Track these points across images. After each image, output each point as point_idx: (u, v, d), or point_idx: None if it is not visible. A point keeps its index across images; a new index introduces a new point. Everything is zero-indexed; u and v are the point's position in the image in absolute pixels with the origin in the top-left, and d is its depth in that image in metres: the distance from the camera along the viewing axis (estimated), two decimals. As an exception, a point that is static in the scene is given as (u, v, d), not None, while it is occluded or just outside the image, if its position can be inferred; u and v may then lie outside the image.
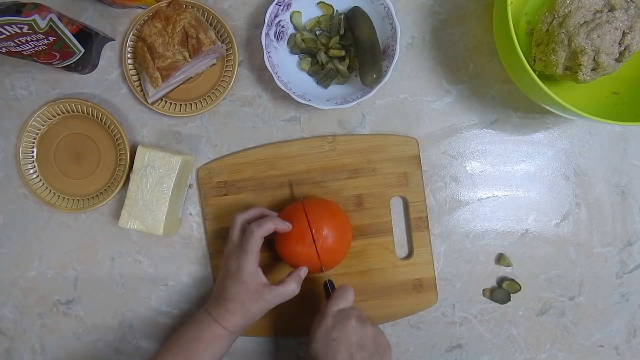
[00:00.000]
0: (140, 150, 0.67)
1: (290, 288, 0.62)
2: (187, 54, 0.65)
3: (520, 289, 0.73)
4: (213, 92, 0.71)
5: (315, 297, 0.71)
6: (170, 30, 0.65)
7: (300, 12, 0.70)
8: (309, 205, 0.66)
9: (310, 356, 0.58)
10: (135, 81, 0.70)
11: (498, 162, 0.74)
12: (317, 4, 0.70)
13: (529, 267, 0.74)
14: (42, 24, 0.56)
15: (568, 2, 0.62)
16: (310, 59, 0.71)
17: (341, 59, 0.70)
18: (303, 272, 0.64)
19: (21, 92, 0.72)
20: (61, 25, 0.60)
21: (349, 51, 0.70)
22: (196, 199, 0.73)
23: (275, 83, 0.66)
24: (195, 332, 0.62)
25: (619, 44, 0.61)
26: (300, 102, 0.66)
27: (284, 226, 0.63)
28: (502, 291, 0.73)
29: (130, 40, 0.70)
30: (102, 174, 0.72)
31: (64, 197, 0.72)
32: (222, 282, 0.62)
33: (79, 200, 0.71)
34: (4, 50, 0.58)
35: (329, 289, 0.65)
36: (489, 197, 0.74)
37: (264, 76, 0.73)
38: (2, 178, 0.73)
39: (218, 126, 0.73)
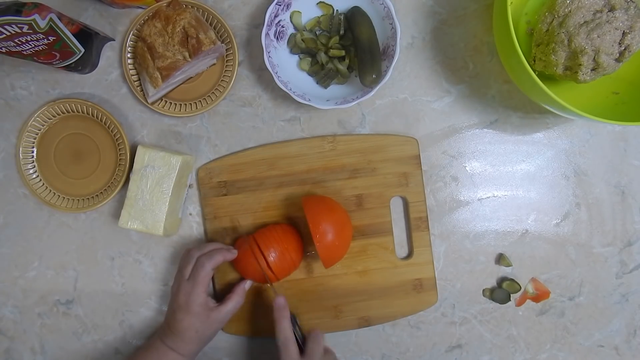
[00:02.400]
0: (140, 150, 0.67)
1: (236, 302, 0.65)
2: (187, 54, 0.65)
3: (520, 289, 0.73)
4: (213, 92, 0.71)
5: (312, 297, 0.71)
6: (170, 30, 0.65)
7: (300, 12, 0.70)
8: (307, 201, 0.66)
9: None
10: (135, 81, 0.70)
11: (498, 162, 0.74)
12: (317, 4, 0.70)
13: (529, 267, 0.74)
14: (42, 23, 0.56)
15: (568, 2, 0.62)
16: (310, 59, 0.71)
17: (341, 59, 0.70)
18: (247, 284, 0.68)
19: (21, 92, 0.72)
20: (61, 25, 0.60)
21: (349, 51, 0.70)
22: (196, 199, 0.73)
23: (275, 83, 0.66)
24: None
25: (619, 44, 0.61)
26: (300, 102, 0.66)
27: (231, 255, 0.66)
28: (502, 291, 0.73)
29: (130, 40, 0.70)
30: (102, 174, 0.72)
31: (64, 197, 0.72)
32: (174, 314, 0.64)
33: (79, 200, 0.71)
34: (4, 50, 0.58)
35: (296, 327, 0.65)
36: (489, 197, 0.74)
37: (264, 76, 0.73)
38: (2, 178, 0.73)
39: (218, 126, 0.73)
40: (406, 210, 0.72)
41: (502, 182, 0.74)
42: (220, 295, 0.71)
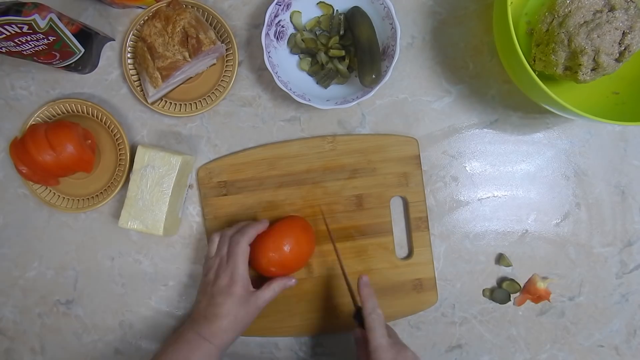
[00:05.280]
0: (140, 150, 0.67)
1: (274, 292, 0.64)
2: (187, 54, 0.65)
3: (520, 289, 0.73)
4: (213, 92, 0.71)
5: (312, 297, 0.71)
6: (170, 30, 0.65)
7: (300, 12, 0.70)
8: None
9: None
10: (135, 81, 0.70)
11: (498, 162, 0.74)
12: (317, 3, 0.70)
13: (529, 267, 0.74)
14: (42, 23, 0.56)
15: (568, 2, 0.62)
16: (310, 59, 0.71)
17: (341, 59, 0.70)
18: (292, 282, 0.66)
19: (21, 92, 0.72)
20: (61, 25, 0.60)
21: (349, 51, 0.70)
22: (196, 199, 0.73)
23: (275, 83, 0.66)
24: (184, 353, 0.60)
25: (619, 44, 0.61)
26: (300, 102, 0.66)
27: (262, 226, 0.65)
28: (502, 291, 0.73)
29: (130, 40, 0.70)
30: (102, 174, 0.72)
31: (64, 197, 0.71)
32: (212, 299, 0.62)
33: (79, 200, 0.71)
34: (4, 50, 0.58)
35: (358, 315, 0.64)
36: (489, 197, 0.74)
37: (264, 76, 0.73)
38: (2, 178, 0.73)
39: (218, 126, 0.73)
40: (406, 210, 0.72)
41: (502, 182, 0.74)
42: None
